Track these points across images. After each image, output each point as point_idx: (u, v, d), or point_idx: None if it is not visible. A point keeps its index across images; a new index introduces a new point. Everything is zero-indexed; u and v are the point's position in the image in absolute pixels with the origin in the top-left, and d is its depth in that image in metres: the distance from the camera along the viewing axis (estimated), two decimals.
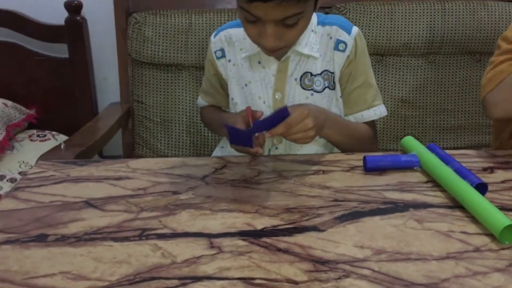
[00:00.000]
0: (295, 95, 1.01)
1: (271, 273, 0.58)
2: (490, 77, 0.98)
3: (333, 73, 1.01)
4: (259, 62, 1.03)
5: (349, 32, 1.00)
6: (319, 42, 1.01)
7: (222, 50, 1.07)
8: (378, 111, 1.04)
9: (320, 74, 1.01)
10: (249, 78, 1.04)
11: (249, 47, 1.01)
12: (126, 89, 1.58)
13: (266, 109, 1.03)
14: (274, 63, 1.01)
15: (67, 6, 1.55)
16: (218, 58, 1.08)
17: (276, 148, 1.04)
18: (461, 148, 1.56)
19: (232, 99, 1.08)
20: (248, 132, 0.84)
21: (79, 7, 1.56)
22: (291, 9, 0.83)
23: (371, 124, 1.05)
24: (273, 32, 0.86)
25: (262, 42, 0.89)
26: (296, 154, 0.96)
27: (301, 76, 1.01)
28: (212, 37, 1.09)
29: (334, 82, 1.01)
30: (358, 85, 1.01)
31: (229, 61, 1.06)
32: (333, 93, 1.02)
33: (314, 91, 1.01)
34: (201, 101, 1.19)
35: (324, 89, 1.01)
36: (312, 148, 1.03)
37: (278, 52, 0.93)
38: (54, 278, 0.58)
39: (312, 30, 1.00)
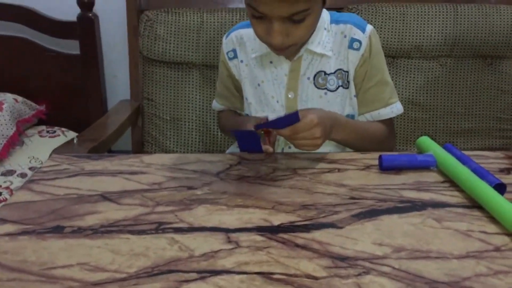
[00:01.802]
0: (308, 94, 1.01)
1: (290, 269, 0.57)
2: None
3: (347, 72, 1.00)
4: (271, 62, 1.02)
5: (363, 30, 0.99)
6: (333, 41, 1.00)
7: (234, 50, 1.07)
8: (395, 108, 1.03)
9: (334, 73, 1.00)
10: (261, 78, 1.04)
11: (259, 47, 1.01)
12: (136, 86, 1.58)
13: (280, 108, 1.03)
14: (286, 62, 1.01)
15: (80, 2, 1.54)
16: (230, 59, 1.08)
17: (290, 147, 1.03)
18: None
19: (247, 99, 1.08)
20: (256, 129, 0.86)
21: (91, 3, 1.56)
22: (298, 5, 0.82)
23: (388, 122, 1.04)
24: (279, 29, 0.86)
25: (270, 40, 0.88)
26: (310, 153, 0.96)
27: (315, 75, 1.00)
28: (224, 38, 1.09)
29: (348, 81, 1.01)
30: (375, 83, 1.01)
31: (242, 61, 1.07)
32: (347, 92, 1.02)
33: (328, 90, 1.01)
34: (217, 104, 1.18)
35: (337, 88, 1.01)
36: (325, 148, 1.02)
37: (287, 51, 0.92)
38: (72, 269, 0.57)
39: (325, 29, 1.00)
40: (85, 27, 1.57)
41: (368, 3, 1.50)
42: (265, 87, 1.04)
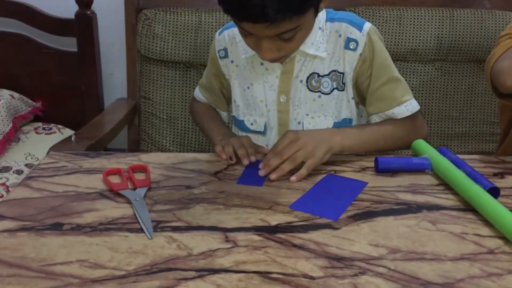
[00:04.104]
0: (301, 97, 0.97)
1: (288, 268, 0.58)
2: (494, 51, 0.96)
3: (342, 73, 0.96)
4: (262, 64, 0.98)
5: (360, 28, 0.93)
6: (327, 40, 0.95)
7: (225, 49, 1.03)
8: (410, 106, 0.95)
9: (328, 74, 0.96)
10: (251, 80, 1.00)
11: (249, 48, 0.95)
12: (133, 85, 1.58)
13: (267, 113, 1.00)
14: (277, 64, 0.96)
15: (78, 0, 1.55)
16: (221, 57, 1.04)
17: None
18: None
19: (235, 101, 1.05)
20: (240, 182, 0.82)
21: (90, 1, 1.56)
22: (285, 25, 0.79)
23: (406, 120, 0.95)
24: (269, 46, 0.83)
25: (260, 54, 0.86)
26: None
27: (308, 77, 0.96)
28: (217, 34, 1.05)
29: (343, 83, 0.96)
30: (384, 82, 0.94)
31: (232, 61, 1.03)
32: (343, 94, 0.98)
33: (322, 93, 0.97)
34: (200, 95, 1.15)
35: (332, 91, 0.97)
36: None
37: (280, 60, 0.91)
38: (71, 265, 0.58)
39: (320, 28, 0.95)
40: (83, 25, 1.56)
41: (365, 6, 1.51)
42: (254, 90, 1.00)
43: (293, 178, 0.80)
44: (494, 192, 0.74)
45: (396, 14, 1.50)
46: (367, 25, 0.95)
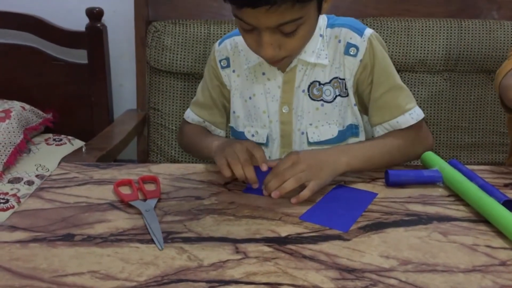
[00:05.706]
0: (304, 107, 0.95)
1: (298, 280, 0.58)
2: (505, 64, 0.96)
3: (343, 79, 0.93)
4: (264, 74, 0.96)
5: (360, 34, 0.91)
6: (327, 46, 0.93)
7: (227, 59, 1.00)
8: (415, 114, 0.91)
9: (329, 82, 0.93)
10: (253, 91, 0.98)
11: (252, 57, 0.95)
12: (142, 96, 1.59)
13: (269, 124, 0.98)
14: (279, 73, 0.95)
15: (88, 13, 1.57)
16: (223, 67, 1.01)
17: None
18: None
19: (234, 112, 1.02)
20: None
21: (100, 14, 1.58)
22: (286, 14, 0.76)
23: (411, 129, 0.92)
24: (269, 40, 0.80)
25: (261, 52, 0.83)
26: None
27: (309, 85, 0.94)
28: (216, 45, 1.03)
29: (346, 89, 0.94)
30: (387, 90, 0.92)
31: (234, 71, 1.00)
32: (347, 101, 0.95)
33: (324, 101, 0.94)
34: (193, 115, 1.06)
35: (335, 98, 0.94)
36: None
37: (281, 62, 0.87)
38: (82, 277, 0.58)
39: (321, 35, 0.93)
40: (93, 37, 1.58)
41: (373, 17, 1.52)
42: (257, 101, 0.98)
43: (293, 200, 0.77)
44: (509, 205, 0.73)
45: (404, 25, 1.50)
46: (369, 31, 0.92)
